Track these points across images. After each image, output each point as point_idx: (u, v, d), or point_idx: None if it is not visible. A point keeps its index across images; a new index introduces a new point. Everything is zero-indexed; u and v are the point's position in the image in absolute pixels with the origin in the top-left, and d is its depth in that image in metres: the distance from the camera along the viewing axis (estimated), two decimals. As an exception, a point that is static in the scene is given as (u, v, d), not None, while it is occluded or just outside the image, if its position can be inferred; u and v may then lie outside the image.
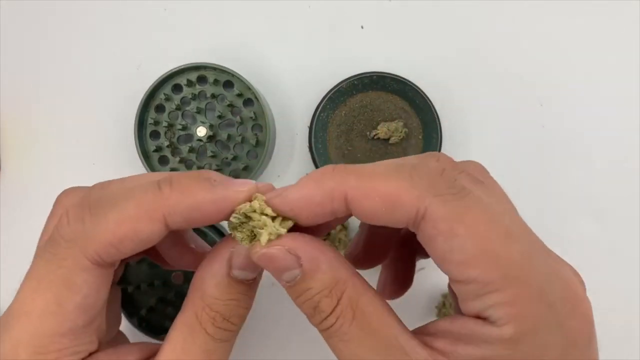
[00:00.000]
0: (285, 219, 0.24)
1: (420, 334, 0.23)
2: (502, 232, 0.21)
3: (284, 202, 0.23)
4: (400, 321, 0.23)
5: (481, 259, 0.21)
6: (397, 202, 0.21)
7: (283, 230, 0.23)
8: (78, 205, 0.23)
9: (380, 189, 0.22)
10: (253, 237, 0.23)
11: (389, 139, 0.49)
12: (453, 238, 0.21)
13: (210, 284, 0.24)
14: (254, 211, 0.23)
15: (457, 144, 0.50)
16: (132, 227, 0.22)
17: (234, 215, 0.23)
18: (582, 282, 0.24)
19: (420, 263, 0.49)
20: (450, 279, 0.22)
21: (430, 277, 0.49)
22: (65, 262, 0.22)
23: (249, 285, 0.25)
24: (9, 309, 0.23)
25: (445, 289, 0.49)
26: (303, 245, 0.23)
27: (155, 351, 0.24)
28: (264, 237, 0.23)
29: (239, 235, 0.23)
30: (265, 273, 0.25)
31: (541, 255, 0.22)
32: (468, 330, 0.22)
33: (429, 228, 0.21)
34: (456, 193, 0.22)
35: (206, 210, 0.23)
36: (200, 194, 0.23)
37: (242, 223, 0.23)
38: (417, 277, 0.50)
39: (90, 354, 0.24)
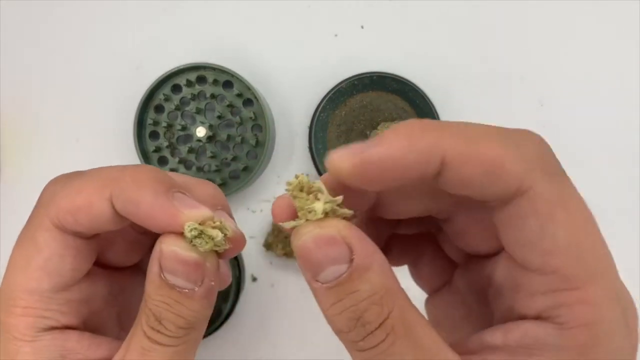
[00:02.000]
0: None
1: (463, 352, 0.20)
2: (595, 229, 0.20)
3: (367, 163, 0.19)
4: (445, 339, 0.20)
5: (571, 250, 0.19)
6: (502, 172, 0.19)
7: (349, 212, 0.19)
8: (63, 174, 0.24)
9: (485, 154, 0.19)
10: (215, 244, 0.21)
11: (389, 139, 0.49)
12: (549, 222, 0.19)
13: (147, 278, 0.21)
14: (301, 189, 0.20)
15: (457, 144, 0.50)
16: (87, 200, 0.22)
17: (187, 228, 0.21)
18: None
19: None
20: (523, 266, 0.20)
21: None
22: (34, 219, 0.23)
23: (184, 295, 0.21)
24: None
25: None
26: (357, 234, 0.19)
27: None
28: (318, 209, 0.19)
29: (200, 244, 0.21)
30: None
31: (610, 256, 0.21)
32: (531, 338, 0.19)
33: (525, 206, 0.19)
34: (561, 174, 0.20)
35: (143, 210, 0.21)
36: (145, 192, 0.21)
37: (201, 234, 0.21)
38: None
39: (66, 328, 0.24)
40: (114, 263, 0.27)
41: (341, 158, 0.19)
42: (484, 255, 0.23)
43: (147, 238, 0.27)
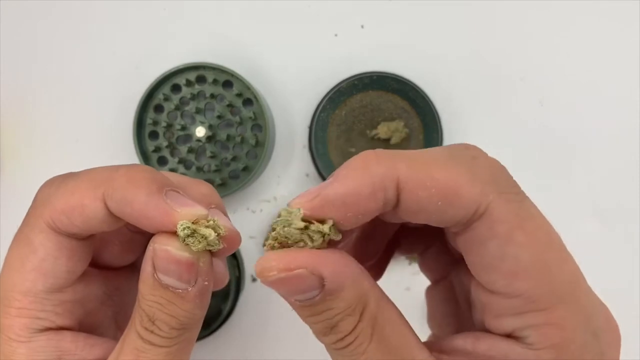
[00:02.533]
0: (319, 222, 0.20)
1: (436, 351, 0.21)
2: (557, 247, 0.19)
3: (326, 203, 0.19)
4: (417, 337, 0.21)
5: (534, 272, 0.18)
6: (456, 195, 0.18)
7: (338, 236, 0.20)
8: (58, 175, 0.24)
9: (438, 178, 0.19)
10: (208, 244, 0.21)
11: (389, 140, 0.49)
12: (509, 244, 0.18)
13: (140, 278, 0.21)
14: (286, 226, 0.20)
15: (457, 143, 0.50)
16: (80, 200, 0.22)
17: (180, 227, 0.20)
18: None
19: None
20: (487, 289, 0.20)
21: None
22: (29, 220, 0.23)
23: (177, 295, 0.21)
24: None
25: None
26: (326, 260, 0.19)
27: None
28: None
29: (193, 244, 0.21)
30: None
31: (580, 273, 0.20)
32: (497, 352, 0.19)
33: (484, 229, 0.19)
34: (518, 193, 0.19)
35: (136, 209, 0.21)
36: (138, 191, 0.21)
37: (194, 233, 0.21)
38: (417, 277, 0.50)
39: (61, 329, 0.24)
40: (109, 263, 0.27)
41: (300, 204, 0.19)
42: None
43: (142, 237, 0.27)
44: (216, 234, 0.21)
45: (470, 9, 0.51)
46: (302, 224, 0.19)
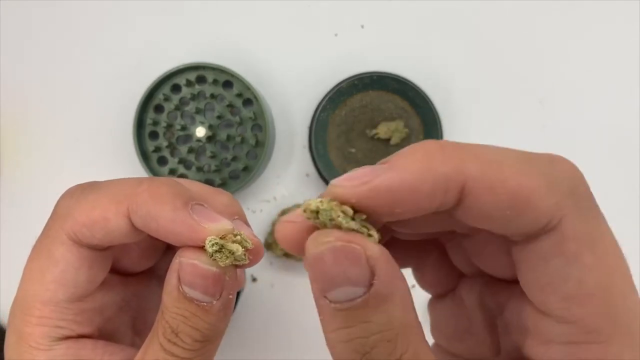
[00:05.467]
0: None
1: None
2: (625, 274, 0.17)
3: (376, 193, 0.16)
4: None
5: (597, 299, 0.16)
6: (528, 205, 0.16)
7: (375, 237, 0.17)
8: (78, 185, 0.24)
9: (510, 183, 0.16)
10: (235, 259, 0.21)
11: (389, 140, 0.49)
12: (575, 264, 0.16)
13: (165, 290, 0.21)
14: (317, 211, 0.17)
15: (457, 144, 0.50)
16: (102, 214, 0.22)
17: (208, 242, 0.20)
18: None
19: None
20: (539, 309, 0.18)
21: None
22: (50, 232, 0.23)
23: (201, 308, 0.21)
24: None
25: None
26: (384, 255, 0.17)
27: None
28: (346, 221, 0.16)
29: (220, 259, 0.20)
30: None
31: None
32: None
33: (551, 245, 0.17)
34: (594, 208, 0.17)
35: (163, 225, 0.21)
36: (163, 207, 0.21)
37: (221, 248, 0.20)
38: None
39: (81, 337, 0.24)
40: (127, 269, 0.27)
41: (345, 188, 0.17)
42: (499, 278, 0.22)
43: (161, 243, 0.27)
44: (243, 248, 0.21)
45: (470, 9, 0.51)
46: (350, 215, 0.17)
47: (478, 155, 0.17)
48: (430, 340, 0.26)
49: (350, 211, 0.17)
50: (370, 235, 0.17)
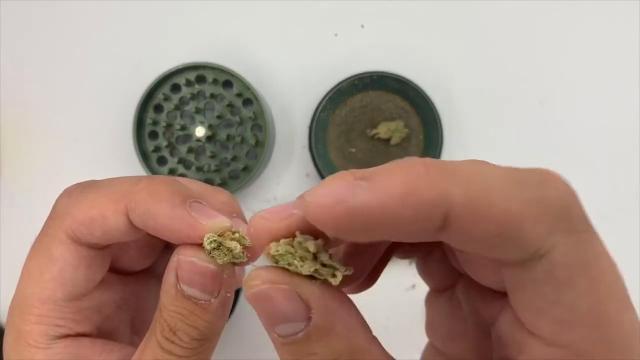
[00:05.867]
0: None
1: None
2: (621, 295, 0.17)
3: (351, 214, 0.15)
4: None
5: (591, 323, 0.16)
6: (518, 232, 0.15)
7: (349, 271, 0.17)
8: (77, 184, 0.24)
9: (497, 210, 0.15)
10: (233, 257, 0.21)
11: (389, 140, 0.48)
12: (567, 290, 0.16)
13: (162, 288, 0.21)
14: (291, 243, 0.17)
15: (457, 144, 0.50)
16: (101, 212, 0.22)
17: (206, 240, 0.20)
18: None
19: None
20: (530, 330, 0.17)
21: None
22: (48, 231, 0.23)
23: (199, 306, 0.21)
24: None
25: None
26: (319, 290, 0.17)
27: None
28: (304, 266, 0.17)
29: (218, 256, 0.20)
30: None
31: None
32: None
33: (542, 272, 0.16)
34: (588, 231, 0.16)
35: (161, 222, 0.21)
36: (161, 204, 0.21)
37: (219, 246, 0.20)
38: (418, 277, 0.50)
39: (79, 335, 0.24)
40: (126, 268, 0.27)
41: (320, 207, 0.15)
42: (494, 289, 0.21)
43: (160, 241, 0.27)
44: (241, 246, 0.21)
45: (470, 9, 0.51)
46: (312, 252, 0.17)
47: (464, 178, 0.16)
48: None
49: (312, 247, 0.17)
50: (334, 276, 0.17)
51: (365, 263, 0.23)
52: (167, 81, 0.48)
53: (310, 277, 0.17)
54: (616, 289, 0.17)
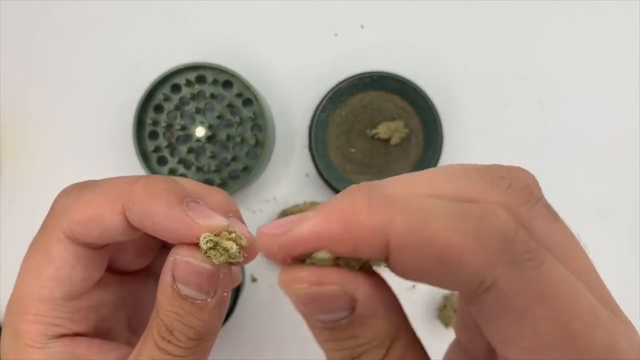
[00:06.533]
0: None
1: None
2: (587, 311, 0.17)
3: (296, 241, 0.17)
4: None
5: (559, 347, 0.16)
6: (458, 264, 0.16)
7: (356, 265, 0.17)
8: (75, 184, 0.24)
9: (437, 242, 0.16)
10: (229, 256, 0.21)
11: (389, 140, 0.48)
12: (527, 319, 0.16)
13: (159, 288, 0.21)
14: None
15: (457, 144, 0.50)
16: (98, 211, 0.22)
17: (203, 239, 0.20)
18: None
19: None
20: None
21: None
22: (47, 230, 0.23)
23: (196, 306, 0.21)
24: None
25: (446, 291, 0.49)
26: (362, 281, 0.17)
27: None
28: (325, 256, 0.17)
29: (215, 256, 0.21)
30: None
31: (623, 333, 0.17)
32: None
33: (494, 304, 0.16)
34: (533, 259, 0.16)
35: (158, 222, 0.21)
36: (158, 204, 0.21)
37: (216, 245, 0.21)
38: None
39: (77, 335, 0.24)
40: (123, 268, 0.27)
41: (266, 237, 0.17)
42: None
43: (157, 241, 0.27)
44: (238, 246, 0.21)
45: (470, 9, 0.51)
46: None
47: (406, 209, 0.16)
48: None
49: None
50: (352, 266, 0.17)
51: None
52: (167, 81, 0.48)
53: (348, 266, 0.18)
54: (579, 307, 0.16)
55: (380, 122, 0.49)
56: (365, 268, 0.18)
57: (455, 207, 0.16)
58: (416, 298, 0.49)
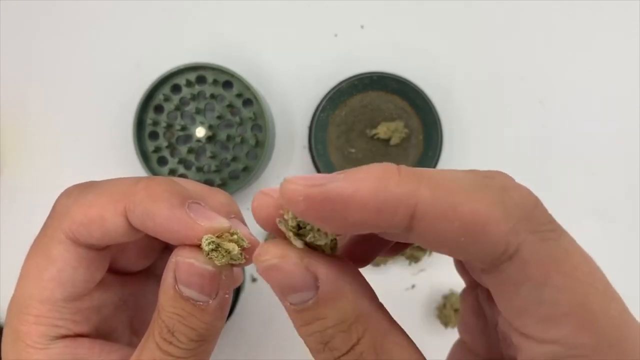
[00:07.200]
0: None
1: None
2: (602, 285, 0.17)
3: (326, 198, 0.16)
4: None
5: (575, 316, 0.16)
6: (483, 232, 0.16)
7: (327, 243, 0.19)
8: (76, 185, 0.24)
9: (462, 210, 0.16)
10: (231, 258, 0.21)
11: (389, 140, 0.49)
12: (545, 287, 0.16)
13: (161, 289, 0.21)
14: (281, 220, 0.18)
15: (457, 144, 0.50)
16: (100, 213, 0.22)
17: (205, 241, 0.20)
18: None
19: (420, 264, 0.49)
20: (521, 334, 0.18)
21: (430, 277, 0.49)
22: (48, 231, 0.23)
23: (198, 307, 0.21)
24: None
25: (446, 290, 0.49)
26: (325, 261, 0.18)
27: None
28: (297, 242, 0.18)
29: (217, 258, 0.21)
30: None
31: (630, 313, 0.18)
32: None
33: (515, 272, 0.17)
34: (554, 230, 0.17)
35: (160, 223, 0.21)
36: (160, 205, 0.21)
37: (218, 247, 0.21)
38: (417, 277, 0.50)
39: (78, 336, 0.24)
40: (125, 268, 0.27)
41: (296, 189, 0.17)
42: None
43: (159, 242, 0.27)
44: (239, 247, 0.21)
45: (470, 9, 0.51)
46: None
47: (432, 180, 0.17)
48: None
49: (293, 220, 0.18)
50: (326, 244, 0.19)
51: (374, 250, 0.24)
52: (168, 82, 0.48)
53: (311, 248, 0.18)
54: (595, 280, 0.17)
55: (380, 122, 0.49)
56: (332, 251, 0.19)
57: (478, 178, 0.17)
58: (416, 298, 0.49)
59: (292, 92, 0.51)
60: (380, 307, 0.19)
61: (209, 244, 0.20)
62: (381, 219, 0.16)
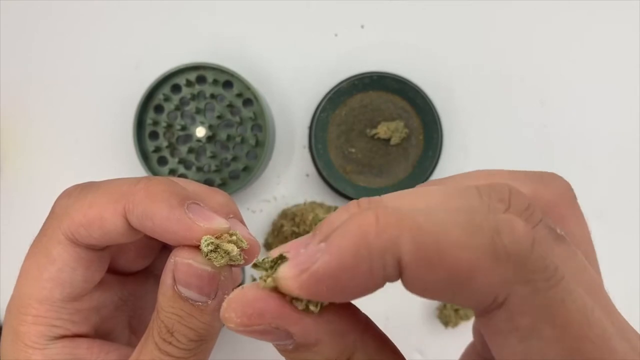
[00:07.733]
0: None
1: None
2: (598, 333, 0.16)
3: (315, 279, 0.16)
4: None
5: None
6: (470, 283, 0.15)
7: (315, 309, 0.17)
8: (76, 185, 0.24)
9: (449, 259, 0.15)
10: (230, 259, 0.21)
11: (389, 139, 0.49)
12: (534, 339, 0.15)
13: (160, 290, 0.21)
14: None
15: (457, 144, 0.50)
16: (99, 214, 0.22)
17: (204, 242, 0.20)
18: None
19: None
20: None
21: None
22: (47, 231, 0.23)
23: (197, 308, 0.21)
24: None
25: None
26: (295, 316, 0.17)
27: None
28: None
29: (215, 259, 0.21)
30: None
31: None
32: None
33: (504, 321, 0.16)
34: (549, 278, 0.16)
35: (159, 223, 0.21)
36: (159, 206, 0.21)
37: (217, 248, 0.21)
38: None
39: (77, 336, 0.24)
40: (124, 269, 0.27)
41: (287, 277, 0.16)
42: None
43: (157, 242, 0.27)
44: (238, 248, 0.21)
45: (470, 9, 0.51)
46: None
47: (414, 225, 0.15)
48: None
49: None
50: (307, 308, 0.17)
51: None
52: (168, 81, 0.48)
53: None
54: (589, 331, 0.16)
55: (380, 122, 0.49)
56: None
57: (466, 219, 0.16)
58: (416, 298, 0.49)
59: (292, 92, 0.51)
60: (369, 328, 0.18)
61: (208, 245, 0.20)
62: (374, 277, 0.16)
